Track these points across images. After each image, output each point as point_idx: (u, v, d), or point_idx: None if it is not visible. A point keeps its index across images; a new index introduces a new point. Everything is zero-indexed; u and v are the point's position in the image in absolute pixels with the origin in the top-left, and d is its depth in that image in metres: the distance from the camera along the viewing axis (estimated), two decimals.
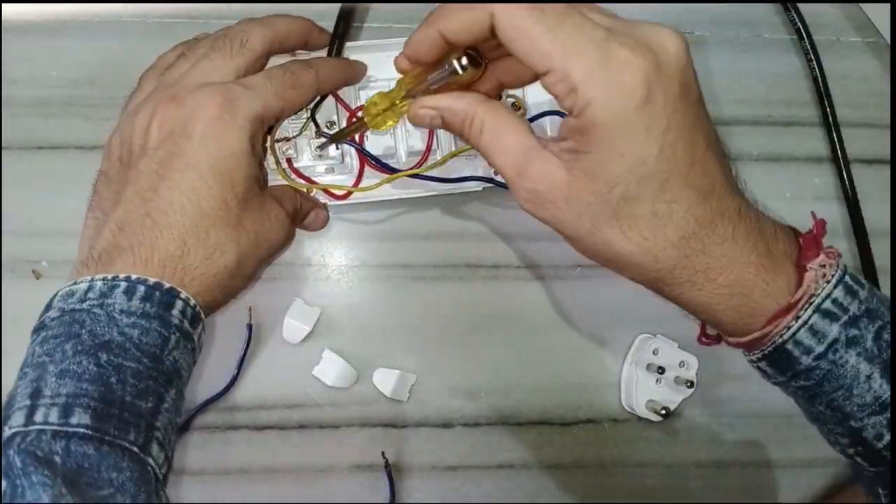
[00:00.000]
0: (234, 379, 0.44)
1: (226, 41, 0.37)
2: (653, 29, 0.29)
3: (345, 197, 0.43)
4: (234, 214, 0.35)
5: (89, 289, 0.33)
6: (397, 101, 0.36)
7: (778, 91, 0.48)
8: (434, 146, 0.42)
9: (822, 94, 0.47)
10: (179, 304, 0.34)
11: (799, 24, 0.47)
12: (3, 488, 0.27)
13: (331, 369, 0.44)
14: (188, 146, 0.34)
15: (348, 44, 0.42)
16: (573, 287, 0.46)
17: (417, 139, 0.43)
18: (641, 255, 0.30)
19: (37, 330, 0.33)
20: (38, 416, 0.29)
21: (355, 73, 0.41)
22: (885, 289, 0.47)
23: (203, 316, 0.36)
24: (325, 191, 0.43)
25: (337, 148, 0.42)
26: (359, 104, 0.42)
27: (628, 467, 0.47)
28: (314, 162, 0.42)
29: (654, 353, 0.45)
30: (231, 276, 0.36)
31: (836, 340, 0.30)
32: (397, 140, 0.43)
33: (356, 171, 0.43)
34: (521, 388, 0.46)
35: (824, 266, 0.30)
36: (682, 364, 0.45)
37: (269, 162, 0.42)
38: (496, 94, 0.34)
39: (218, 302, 0.37)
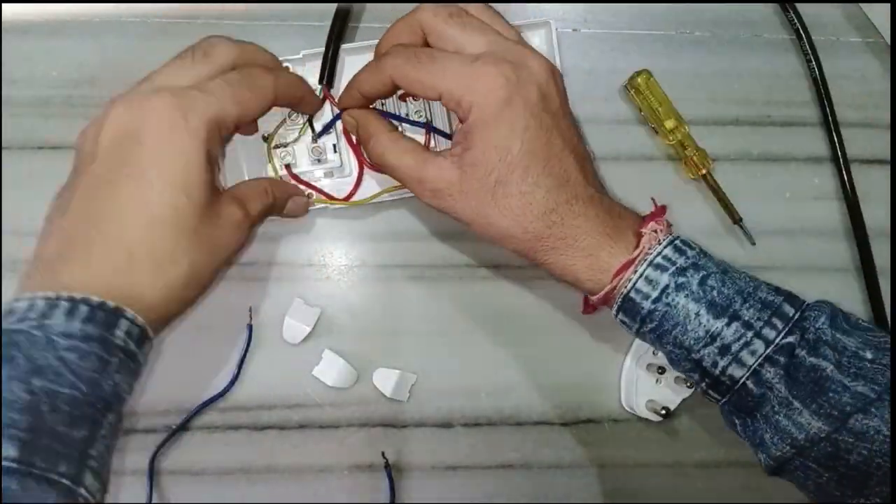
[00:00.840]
0: (235, 379, 0.44)
1: (189, 51, 0.37)
2: (524, 52, 0.37)
3: (347, 198, 0.43)
4: (187, 222, 0.34)
5: (30, 307, 0.32)
6: None
7: (778, 91, 0.48)
8: (432, 145, 0.43)
9: (822, 95, 0.47)
10: (124, 323, 0.33)
11: (798, 24, 0.47)
12: None
13: (331, 369, 0.44)
14: (138, 151, 0.34)
15: (344, 45, 0.42)
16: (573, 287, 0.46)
17: (418, 137, 0.43)
18: (515, 228, 0.37)
19: None
20: None
21: (312, 98, 0.41)
22: (886, 289, 0.47)
23: (151, 335, 0.35)
24: (325, 194, 0.43)
25: (335, 151, 0.42)
26: None
27: (628, 467, 0.47)
28: (313, 167, 0.42)
29: (654, 353, 0.45)
30: (184, 286, 0.35)
31: (667, 286, 0.36)
32: None
33: (355, 173, 0.43)
34: (521, 388, 0.46)
35: (656, 231, 0.37)
36: None
37: (268, 168, 0.42)
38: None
39: (172, 313, 0.36)
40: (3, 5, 0.43)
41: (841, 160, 0.47)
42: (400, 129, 0.43)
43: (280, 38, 0.44)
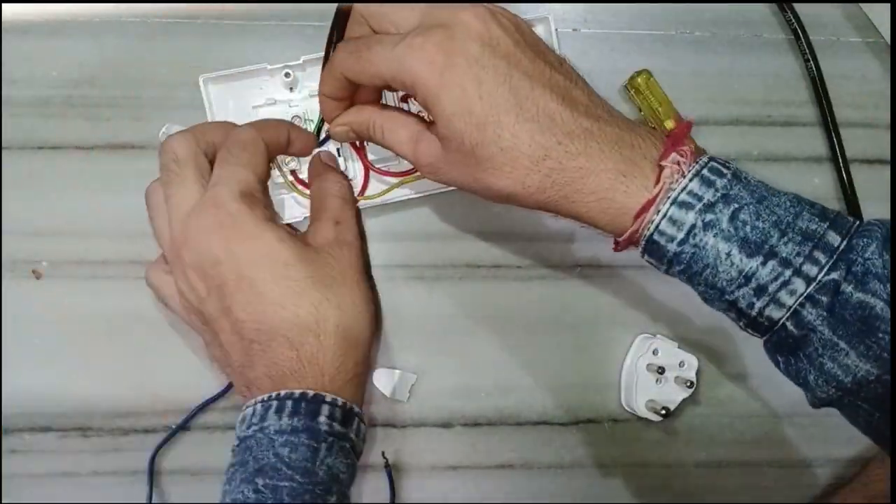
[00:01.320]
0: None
1: (168, 172, 0.38)
2: (452, 10, 0.34)
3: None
4: (304, 281, 0.36)
5: (253, 413, 0.36)
6: None
7: (778, 91, 0.48)
8: None
9: (820, 95, 0.47)
10: (326, 408, 0.35)
11: (795, 24, 0.47)
12: None
13: None
14: (223, 269, 0.36)
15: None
16: (573, 287, 0.46)
17: None
18: (514, 185, 0.34)
19: (232, 454, 0.36)
20: None
21: (302, 134, 0.42)
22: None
23: (357, 410, 0.37)
24: None
25: (339, 155, 0.42)
26: None
27: (628, 467, 0.47)
28: None
29: (654, 353, 0.45)
30: (349, 329, 0.37)
31: (693, 226, 0.33)
32: None
33: (361, 177, 0.43)
34: (521, 388, 0.46)
35: (678, 163, 0.33)
36: (682, 364, 0.45)
37: (275, 176, 0.42)
38: (379, 95, 0.41)
39: (360, 362, 0.38)
40: (3, 5, 0.43)
41: (841, 160, 0.47)
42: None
43: (280, 38, 0.44)
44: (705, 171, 0.33)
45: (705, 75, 0.47)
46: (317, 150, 0.43)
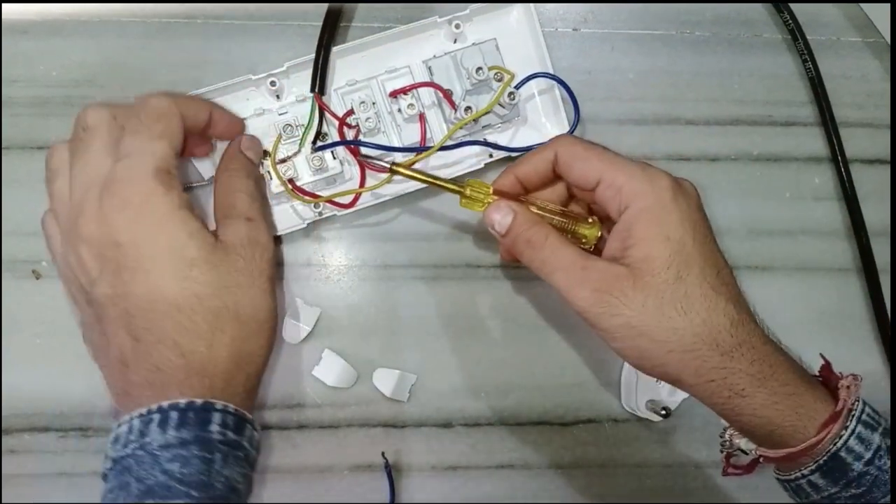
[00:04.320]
0: None
1: (75, 138, 0.36)
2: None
3: (353, 203, 0.43)
4: (207, 284, 0.33)
5: (129, 430, 0.32)
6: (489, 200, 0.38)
7: (777, 91, 0.48)
8: (428, 135, 0.43)
9: (818, 94, 0.47)
10: (217, 416, 0.33)
11: (792, 24, 0.47)
12: None
13: (331, 369, 0.44)
14: (122, 253, 0.33)
15: (335, 48, 0.42)
16: None
17: (413, 132, 0.43)
18: (704, 336, 0.32)
19: (103, 479, 0.33)
20: None
21: (223, 115, 0.39)
22: (886, 289, 0.47)
23: (248, 417, 0.34)
24: (332, 202, 0.42)
25: (334, 157, 0.42)
26: (346, 110, 0.42)
27: (628, 467, 0.47)
28: (315, 177, 0.42)
29: None
30: (245, 341, 0.35)
31: (879, 447, 0.32)
32: (391, 139, 0.43)
33: (357, 178, 0.43)
34: (521, 388, 0.46)
35: (851, 387, 0.33)
36: None
37: (273, 185, 0.41)
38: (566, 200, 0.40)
39: (252, 374, 0.35)
40: (3, 5, 0.43)
41: (840, 160, 0.47)
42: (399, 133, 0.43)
43: (280, 38, 0.45)
44: (868, 406, 0.33)
45: (705, 75, 0.47)
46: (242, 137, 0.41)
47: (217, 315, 0.34)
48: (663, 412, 0.45)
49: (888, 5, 0.47)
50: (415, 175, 0.39)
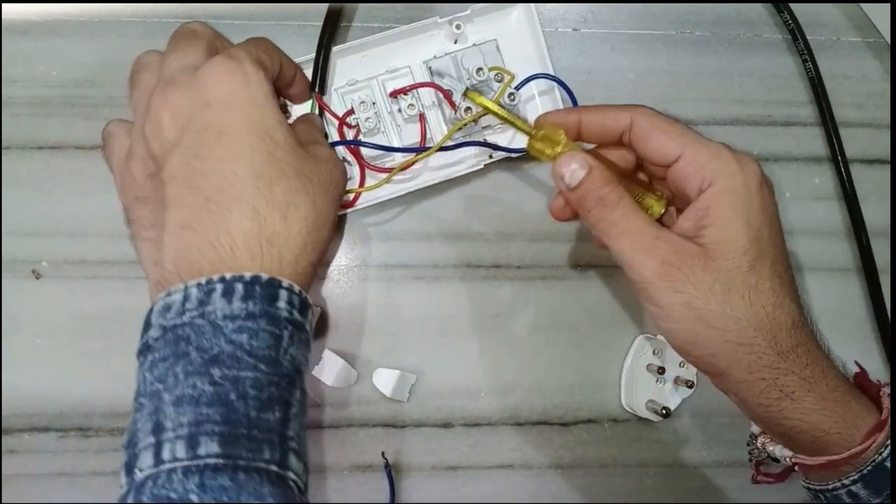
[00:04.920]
0: None
1: (176, 39, 0.36)
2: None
3: (353, 203, 0.43)
4: (287, 164, 0.33)
5: (185, 298, 0.30)
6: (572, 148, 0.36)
7: (778, 91, 0.48)
8: (428, 135, 0.43)
9: (818, 94, 0.47)
10: (284, 294, 0.31)
11: (793, 24, 0.47)
12: None
13: (331, 369, 0.44)
14: (212, 115, 0.32)
15: (335, 48, 0.42)
16: (573, 287, 0.46)
17: (413, 132, 0.43)
18: (765, 332, 0.31)
19: (142, 352, 0.31)
20: (166, 454, 0.27)
21: (303, 77, 0.40)
22: (886, 289, 0.47)
23: (311, 301, 0.33)
24: None
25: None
26: (346, 110, 0.42)
27: (628, 467, 0.47)
28: None
29: (654, 353, 0.45)
30: (317, 226, 0.33)
31: None
32: (391, 139, 0.43)
33: (357, 177, 0.43)
34: (521, 388, 0.46)
35: (890, 395, 0.32)
36: (682, 364, 0.45)
37: None
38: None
39: (313, 263, 0.34)
40: (3, 5, 0.43)
41: (840, 160, 0.47)
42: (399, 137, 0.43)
43: (280, 38, 0.44)
44: None
45: (705, 75, 0.47)
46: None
47: (295, 192, 0.33)
48: (663, 412, 0.45)
49: (888, 5, 0.47)
50: (488, 106, 0.38)
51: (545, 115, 0.37)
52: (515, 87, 0.42)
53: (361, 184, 0.43)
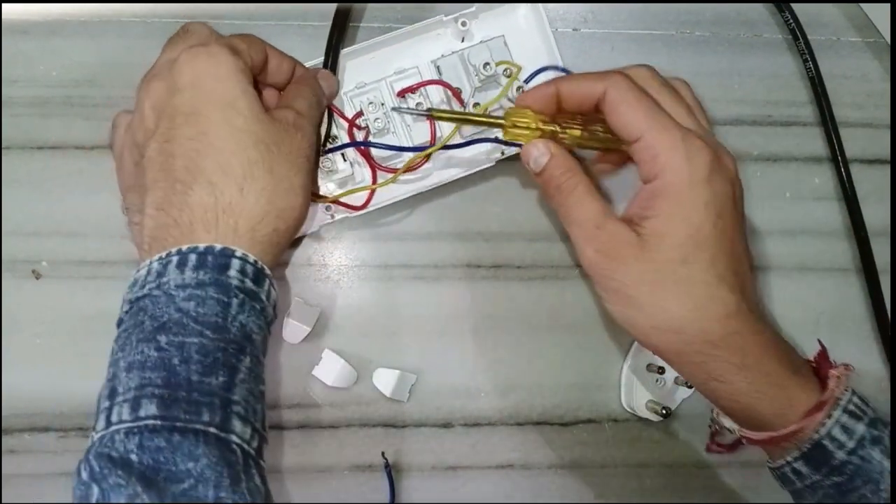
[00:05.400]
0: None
1: (174, 35, 0.38)
2: (721, 147, 0.36)
3: (365, 205, 0.43)
4: (248, 133, 0.34)
5: (147, 272, 0.32)
6: (542, 128, 0.37)
7: (778, 91, 0.48)
8: (438, 134, 0.43)
9: (819, 94, 0.47)
10: (236, 262, 0.33)
11: (794, 24, 0.47)
12: (80, 494, 0.28)
13: (331, 369, 0.44)
14: (181, 98, 0.34)
15: (344, 50, 0.42)
16: (573, 287, 0.46)
17: (423, 131, 0.43)
18: (691, 320, 0.33)
19: (117, 326, 0.33)
20: (114, 416, 0.29)
21: (306, 72, 0.40)
22: (886, 289, 0.47)
23: (267, 271, 0.34)
24: (344, 205, 0.42)
25: (344, 160, 0.42)
26: (355, 112, 0.42)
27: (628, 467, 0.47)
28: (326, 180, 0.42)
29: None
30: (277, 195, 0.34)
31: (863, 437, 0.32)
32: (400, 139, 0.43)
33: (368, 179, 0.43)
34: (521, 388, 0.46)
35: (841, 377, 0.34)
36: None
37: None
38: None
39: (278, 231, 0.35)
40: (3, 5, 0.43)
41: (840, 160, 0.47)
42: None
43: (280, 38, 0.44)
44: (856, 397, 0.34)
45: (705, 75, 0.47)
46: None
47: (252, 163, 0.34)
48: (663, 412, 0.44)
49: (888, 5, 0.47)
50: (453, 116, 0.39)
51: (524, 94, 0.38)
52: (524, 80, 0.42)
53: (373, 181, 0.43)
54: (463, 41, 0.43)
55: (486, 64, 0.41)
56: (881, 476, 0.32)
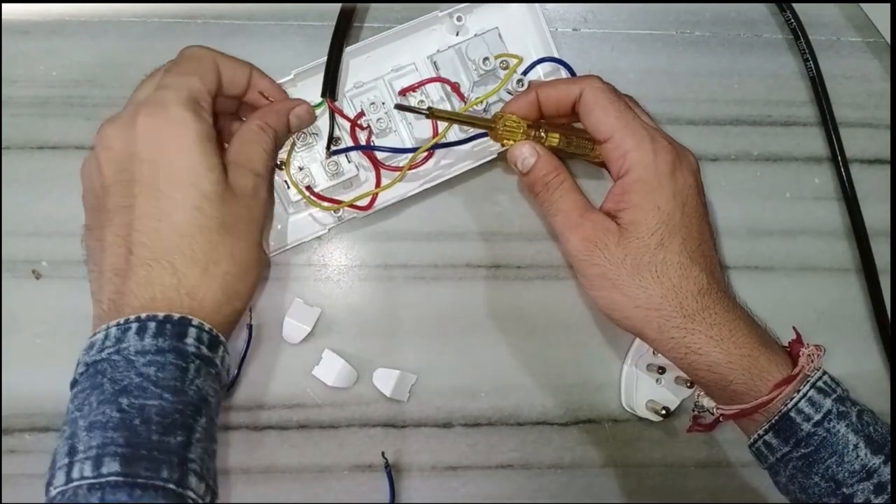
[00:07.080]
0: (235, 379, 0.44)
1: (172, 60, 0.38)
2: (680, 145, 0.39)
3: (371, 205, 0.43)
4: (210, 216, 0.35)
5: (105, 337, 0.33)
6: (530, 134, 0.40)
7: (778, 91, 0.48)
8: (440, 129, 0.42)
9: (819, 94, 0.47)
10: (193, 331, 0.34)
11: (795, 23, 0.47)
12: None
13: (331, 369, 0.44)
14: (139, 168, 0.34)
15: (348, 48, 0.42)
16: (573, 287, 0.46)
17: (425, 128, 0.43)
18: (669, 298, 0.36)
19: (71, 386, 0.34)
20: (75, 473, 0.30)
21: (269, 85, 0.40)
22: (886, 289, 0.47)
23: (222, 338, 0.36)
24: (354, 207, 0.42)
25: (349, 161, 0.42)
26: (357, 112, 0.42)
27: (628, 467, 0.47)
28: (332, 182, 0.42)
29: (654, 353, 0.45)
30: (237, 279, 0.36)
31: (829, 412, 0.35)
32: (403, 137, 0.43)
33: (373, 180, 0.43)
34: (521, 388, 0.46)
35: (812, 356, 0.36)
36: None
37: (292, 194, 0.42)
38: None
39: (238, 311, 0.37)
40: (3, 5, 0.43)
41: (840, 160, 0.47)
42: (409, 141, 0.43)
43: (280, 38, 0.45)
44: (827, 376, 0.36)
45: (705, 75, 0.47)
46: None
47: (215, 248, 0.35)
48: (663, 412, 0.45)
49: (888, 5, 0.47)
50: (451, 116, 0.40)
51: (507, 103, 0.41)
52: (522, 72, 0.42)
53: (377, 183, 0.43)
54: (458, 35, 0.44)
55: (486, 59, 0.41)
56: (845, 449, 0.34)
